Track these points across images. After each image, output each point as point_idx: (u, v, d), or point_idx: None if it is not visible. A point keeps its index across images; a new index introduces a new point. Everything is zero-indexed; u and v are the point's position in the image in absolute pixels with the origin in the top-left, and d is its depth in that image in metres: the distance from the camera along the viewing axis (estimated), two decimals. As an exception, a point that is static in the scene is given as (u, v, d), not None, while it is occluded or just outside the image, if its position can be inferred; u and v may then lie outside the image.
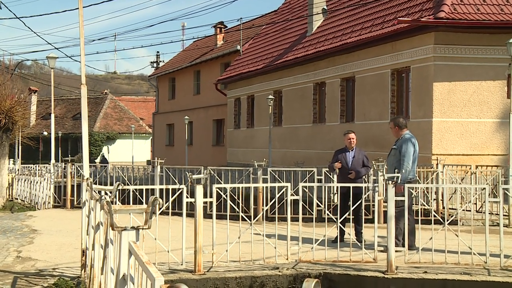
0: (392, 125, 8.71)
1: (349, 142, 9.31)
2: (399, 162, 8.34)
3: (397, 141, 8.59)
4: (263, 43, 26.77)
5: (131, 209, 3.62)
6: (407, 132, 8.65)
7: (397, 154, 8.43)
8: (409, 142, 8.43)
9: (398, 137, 8.63)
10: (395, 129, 8.63)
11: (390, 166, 8.57)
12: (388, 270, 6.65)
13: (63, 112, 50.62)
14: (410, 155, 8.38)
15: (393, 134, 8.78)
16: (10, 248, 8.61)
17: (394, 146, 8.59)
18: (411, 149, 8.42)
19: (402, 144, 8.41)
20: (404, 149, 8.35)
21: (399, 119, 8.74)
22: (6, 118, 16.98)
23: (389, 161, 8.69)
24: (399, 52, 16.22)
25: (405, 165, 8.27)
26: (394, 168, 8.39)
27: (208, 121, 32.89)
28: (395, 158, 8.45)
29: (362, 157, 9.30)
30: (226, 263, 6.97)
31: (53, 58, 21.93)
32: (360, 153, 9.33)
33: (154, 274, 2.29)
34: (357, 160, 9.22)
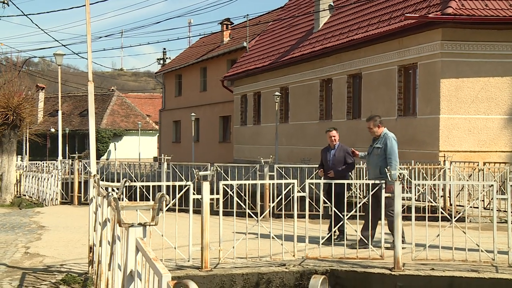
0: (372, 124, 8.52)
1: (330, 140, 9.20)
2: (385, 160, 8.21)
3: (378, 140, 8.44)
4: (269, 40, 26.73)
5: (138, 206, 3.62)
6: (386, 129, 8.55)
7: (381, 153, 8.30)
8: (393, 140, 8.34)
9: (376, 136, 8.49)
10: (375, 128, 8.48)
11: (374, 166, 8.39)
12: (395, 267, 6.64)
13: (70, 109, 50.81)
14: (397, 153, 8.31)
15: (372, 133, 8.59)
16: (19, 244, 8.66)
17: (377, 145, 8.40)
18: (396, 147, 8.35)
19: (386, 142, 8.29)
20: (390, 147, 8.24)
21: (377, 118, 8.59)
22: (14, 115, 17.05)
23: (372, 161, 8.48)
24: (406, 49, 16.15)
25: (394, 163, 8.16)
26: (379, 168, 8.25)
27: (214, 118, 32.91)
28: (380, 157, 8.30)
29: (344, 154, 9.05)
30: (232, 260, 6.98)
31: (60, 55, 22.03)
32: (341, 151, 9.08)
33: (162, 271, 2.30)
34: (337, 158, 9.04)
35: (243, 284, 6.59)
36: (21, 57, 29.72)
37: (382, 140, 8.36)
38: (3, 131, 17.33)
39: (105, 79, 77.61)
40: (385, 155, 8.26)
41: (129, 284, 2.92)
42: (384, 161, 8.22)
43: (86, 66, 32.31)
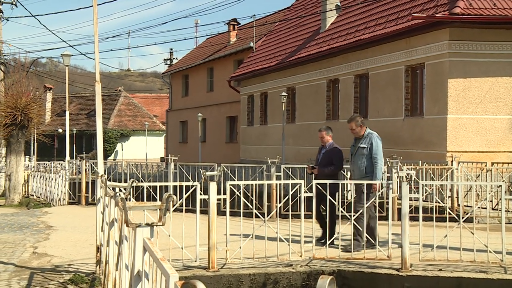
0: (354, 125, 8.40)
1: (320, 140, 9.20)
2: (370, 160, 8.14)
3: (361, 140, 8.33)
4: (276, 40, 26.72)
5: (146, 206, 3.63)
6: (369, 129, 8.47)
7: (366, 153, 8.20)
8: (378, 140, 8.26)
9: (359, 136, 8.38)
10: (358, 128, 8.37)
11: (359, 166, 8.26)
12: (402, 267, 6.61)
13: (77, 109, 51.00)
14: (382, 153, 8.23)
15: (355, 133, 8.47)
16: (27, 244, 8.70)
17: (361, 145, 8.28)
18: (381, 146, 8.27)
19: (371, 142, 8.20)
20: (375, 147, 8.15)
21: (358, 118, 8.49)
22: (22, 115, 17.13)
23: (356, 161, 8.34)
24: (413, 49, 16.10)
25: (380, 163, 8.10)
26: (364, 167, 8.17)
27: (221, 118, 32.94)
28: (365, 157, 8.20)
29: (332, 154, 8.95)
30: (239, 260, 6.98)
31: (67, 56, 22.11)
32: (330, 151, 8.99)
33: (169, 271, 2.30)
34: (325, 158, 8.96)
35: (250, 285, 6.59)
36: (29, 57, 29.96)
37: (367, 140, 8.26)
38: (11, 131, 17.42)
39: (112, 79, 77.88)
40: (370, 154, 8.16)
41: (137, 284, 2.92)
42: (370, 161, 8.14)
43: (93, 67, 32.45)
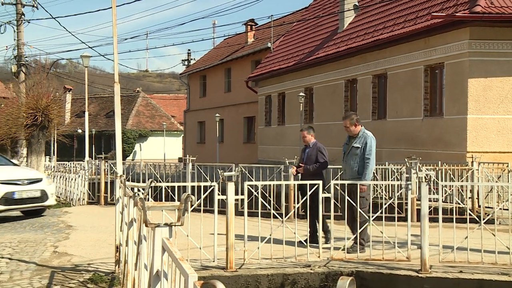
0: (349, 122, 8.23)
1: (303, 140, 9.15)
2: (363, 160, 8.00)
3: (355, 139, 8.18)
4: (294, 40, 26.68)
5: (164, 206, 3.64)
6: (363, 128, 8.31)
7: (360, 153, 8.05)
8: (372, 140, 8.10)
9: (353, 134, 8.23)
10: (352, 127, 8.21)
11: (352, 166, 8.11)
12: (422, 269, 6.55)
13: (96, 110, 51.46)
14: (375, 154, 8.08)
15: (349, 132, 8.31)
16: (47, 243, 8.80)
17: (355, 144, 8.12)
18: (375, 148, 8.12)
19: (366, 142, 8.04)
20: (369, 147, 8.01)
21: (354, 116, 8.31)
22: (42, 116, 17.32)
23: (349, 161, 8.18)
24: (432, 48, 15.95)
25: (371, 164, 7.96)
26: (356, 168, 8.03)
27: (239, 118, 32.98)
28: (358, 157, 8.05)
29: (316, 152, 8.88)
30: (257, 260, 6.98)
31: (87, 57, 22.33)
32: (314, 150, 8.92)
33: (188, 271, 2.30)
34: (309, 156, 8.90)
35: (268, 285, 6.58)
36: (49, 59, 30.20)
37: (361, 140, 8.10)
38: (32, 132, 17.62)
39: (131, 80, 78.43)
40: (363, 155, 8.02)
41: (156, 284, 2.93)
42: (363, 162, 8.01)
43: (112, 68, 32.71)
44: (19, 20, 22.74)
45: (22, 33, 22.94)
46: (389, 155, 17.34)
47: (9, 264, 7.16)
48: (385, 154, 17.91)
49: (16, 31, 22.82)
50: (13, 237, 9.41)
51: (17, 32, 22.81)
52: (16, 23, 22.76)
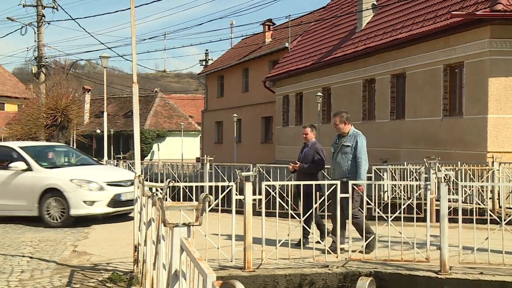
0: (339, 120, 8.08)
1: (304, 137, 9.06)
2: (354, 160, 7.87)
3: (345, 138, 8.05)
4: (311, 40, 26.61)
5: (183, 206, 3.66)
6: (353, 128, 8.18)
7: (350, 152, 7.92)
8: (363, 139, 7.98)
9: (343, 133, 8.10)
10: (341, 124, 8.07)
11: (342, 165, 7.97)
12: (441, 270, 6.48)
13: (115, 110, 51.83)
14: (366, 152, 7.95)
15: (338, 129, 8.16)
16: (67, 242, 8.89)
17: (345, 143, 7.98)
18: (365, 146, 7.99)
19: (356, 140, 7.92)
20: (360, 147, 7.88)
21: (344, 114, 8.16)
22: (62, 116, 17.55)
23: (338, 160, 8.04)
24: (452, 47, 15.79)
25: (364, 164, 7.83)
26: (347, 167, 7.91)
27: (256, 118, 32.99)
28: (349, 156, 7.92)
29: (313, 153, 8.77)
30: (275, 260, 6.97)
31: (105, 58, 22.50)
32: (311, 149, 8.81)
33: (206, 271, 2.30)
34: (307, 156, 8.79)
35: (285, 285, 6.57)
36: (68, 60, 30.58)
37: (351, 138, 7.98)
38: (51, 132, 17.86)
39: (149, 80, 78.87)
40: (354, 154, 7.89)
41: (174, 283, 2.94)
42: (353, 160, 7.87)
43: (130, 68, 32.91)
44: (40, 21, 23.03)
45: (42, 34, 23.23)
46: (407, 155, 17.21)
47: (30, 263, 7.25)
48: (403, 154, 17.77)
49: (36, 33, 23.13)
50: (34, 236, 9.52)
51: (37, 34, 23.12)
52: (37, 24, 23.07)
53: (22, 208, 10.96)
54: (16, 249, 8.33)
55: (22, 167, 11.03)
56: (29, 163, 11.13)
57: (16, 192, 11.01)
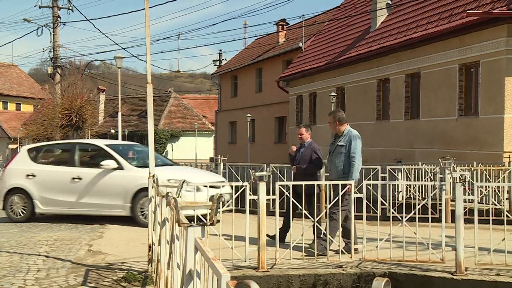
0: (332, 119, 8.03)
1: (299, 137, 8.98)
2: (348, 159, 7.79)
3: (340, 137, 7.97)
4: (325, 40, 26.54)
5: (197, 206, 3.66)
6: (349, 127, 8.10)
7: (344, 151, 7.85)
8: (358, 139, 7.90)
9: (338, 133, 8.03)
10: (335, 123, 8.00)
11: (336, 165, 7.91)
12: (457, 271, 6.42)
13: (129, 110, 52.10)
14: (360, 153, 7.86)
15: (334, 129, 8.11)
16: (82, 241, 8.95)
17: (340, 143, 7.91)
18: (360, 146, 7.91)
19: (350, 140, 7.84)
20: (354, 146, 7.80)
21: (340, 113, 8.10)
22: (77, 116, 17.68)
23: (334, 160, 7.97)
24: (468, 46, 15.65)
25: (357, 163, 7.74)
26: (341, 167, 7.83)
27: (270, 118, 32.98)
28: (343, 156, 7.84)
29: (311, 152, 8.70)
30: (289, 261, 6.96)
31: (120, 58, 22.61)
32: (309, 149, 8.75)
33: (221, 270, 2.30)
34: (304, 156, 8.72)
35: (299, 285, 6.56)
36: (83, 60, 30.81)
37: (346, 138, 7.92)
38: (67, 132, 18.00)
39: (163, 80, 79.21)
40: (348, 153, 7.83)
41: (188, 283, 2.95)
42: (348, 160, 7.81)
43: (144, 69, 33.01)
44: (55, 22, 23.23)
45: (58, 35, 23.43)
46: (422, 155, 17.09)
47: (46, 262, 7.32)
48: (418, 154, 17.66)
49: (52, 34, 23.33)
50: (49, 235, 9.61)
51: (53, 35, 23.32)
52: (52, 25, 23.28)
53: (114, 207, 10.69)
54: (32, 248, 8.41)
55: (113, 165, 10.80)
56: (119, 161, 10.90)
57: (107, 191, 10.75)
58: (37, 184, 11.47)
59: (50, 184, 11.33)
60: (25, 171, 11.64)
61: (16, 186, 11.59)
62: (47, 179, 11.40)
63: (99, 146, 11.73)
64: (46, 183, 11.39)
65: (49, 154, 12.66)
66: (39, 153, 12.26)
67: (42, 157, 12.29)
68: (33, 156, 12.02)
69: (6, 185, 11.74)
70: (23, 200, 11.55)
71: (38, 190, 11.43)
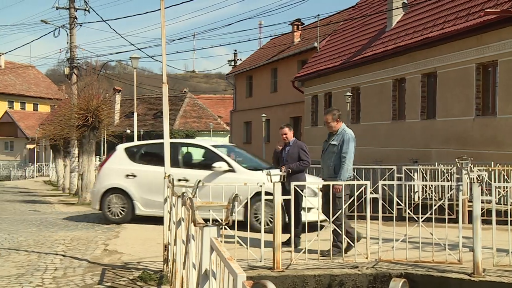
0: (331, 118, 7.87)
1: (284, 137, 8.87)
2: (339, 159, 7.66)
3: (334, 136, 7.85)
4: (340, 40, 26.44)
5: (212, 206, 3.67)
6: (344, 126, 7.95)
7: (337, 151, 7.71)
8: (351, 138, 7.72)
9: (333, 131, 7.89)
10: (334, 122, 7.86)
11: (329, 164, 7.78)
12: (474, 272, 6.35)
13: (144, 110, 52.38)
14: (353, 153, 7.71)
15: (329, 127, 7.96)
16: (98, 241, 9.01)
17: (333, 142, 7.78)
18: (353, 146, 7.74)
19: (344, 140, 7.70)
20: (346, 146, 7.65)
21: (336, 112, 7.95)
22: (93, 116, 17.77)
23: (326, 159, 7.85)
24: (485, 46, 15.49)
25: (347, 163, 7.59)
26: (333, 166, 7.71)
27: (285, 118, 32.88)
28: (336, 155, 7.71)
29: (298, 150, 8.59)
30: (304, 261, 6.94)
31: (136, 59, 22.74)
32: (295, 147, 8.64)
33: (237, 270, 2.30)
34: (291, 154, 8.60)
35: (315, 286, 6.53)
36: (99, 61, 31.05)
37: (339, 137, 7.77)
38: (83, 132, 18.11)
39: (178, 81, 79.49)
40: (340, 153, 7.71)
41: (204, 283, 2.95)
42: (339, 160, 7.68)
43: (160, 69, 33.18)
44: (72, 23, 23.43)
45: (75, 36, 23.62)
46: (438, 156, 16.95)
47: (63, 261, 7.38)
48: (434, 155, 17.51)
49: (69, 35, 23.52)
50: (66, 235, 9.69)
51: (69, 36, 23.52)
52: (69, 26, 23.47)
53: None
54: (50, 247, 8.49)
55: (225, 167, 10.23)
56: (230, 163, 10.36)
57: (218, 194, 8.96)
58: (138, 184, 10.81)
59: (153, 185, 10.41)
60: (124, 170, 11.00)
61: (115, 186, 10.98)
62: (149, 180, 10.62)
63: (205, 147, 11.15)
64: (148, 184, 10.67)
65: (149, 154, 11.78)
66: (138, 152, 11.59)
67: (142, 156, 11.51)
68: (132, 155, 11.35)
69: (104, 185, 11.11)
70: (122, 200, 10.98)
71: (138, 191, 10.81)
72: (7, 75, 66.62)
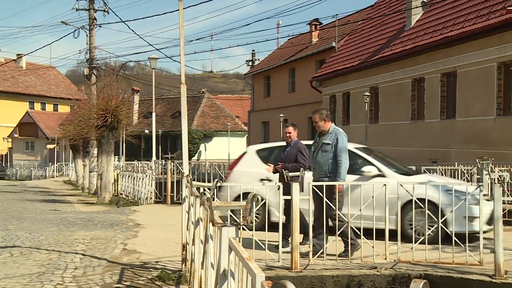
0: (318, 117, 7.75)
1: (286, 136, 8.75)
2: (334, 158, 7.56)
3: (325, 135, 7.73)
4: (359, 39, 26.30)
5: (231, 206, 3.67)
6: (334, 125, 7.87)
7: (330, 150, 7.61)
8: (344, 137, 7.67)
9: (323, 131, 7.78)
10: (321, 122, 7.74)
11: (322, 164, 7.65)
12: (496, 274, 6.26)
13: (162, 111, 52.69)
14: (347, 151, 7.64)
15: (318, 127, 7.82)
16: (117, 240, 9.08)
17: (326, 141, 7.67)
18: (347, 144, 7.69)
19: (337, 138, 7.62)
20: (340, 145, 7.58)
21: (324, 111, 7.84)
22: (112, 117, 17.89)
23: (318, 159, 7.71)
24: (507, 44, 15.29)
25: (345, 163, 7.50)
26: (327, 166, 7.59)
27: (303, 118, 32.83)
28: (330, 154, 7.60)
29: (296, 152, 8.46)
30: (323, 261, 6.91)
31: (154, 59, 22.86)
32: (294, 149, 8.51)
33: (255, 270, 2.29)
34: (289, 155, 8.48)
35: (333, 286, 6.50)
36: (118, 61, 31.31)
37: (332, 136, 7.68)
38: (102, 132, 18.25)
39: (196, 81, 79.81)
40: (335, 152, 7.60)
41: (223, 283, 2.95)
42: (334, 159, 7.58)
43: (178, 69, 33.40)
44: (91, 24, 23.64)
45: (94, 37, 23.83)
46: (458, 156, 16.76)
47: (83, 260, 7.45)
48: (454, 155, 17.32)
49: (88, 35, 23.74)
50: (85, 234, 9.78)
51: (89, 36, 23.73)
52: (89, 27, 23.69)
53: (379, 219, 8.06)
54: (70, 246, 8.57)
55: (374, 172, 9.39)
56: (380, 168, 9.53)
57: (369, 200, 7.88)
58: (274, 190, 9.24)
59: None
60: (259, 174, 10.03)
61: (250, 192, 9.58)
62: None
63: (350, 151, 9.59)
64: None
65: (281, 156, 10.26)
66: (271, 155, 10.62)
67: (275, 159, 9.89)
68: (265, 158, 10.44)
69: (237, 189, 9.84)
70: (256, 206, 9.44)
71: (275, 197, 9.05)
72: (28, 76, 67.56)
